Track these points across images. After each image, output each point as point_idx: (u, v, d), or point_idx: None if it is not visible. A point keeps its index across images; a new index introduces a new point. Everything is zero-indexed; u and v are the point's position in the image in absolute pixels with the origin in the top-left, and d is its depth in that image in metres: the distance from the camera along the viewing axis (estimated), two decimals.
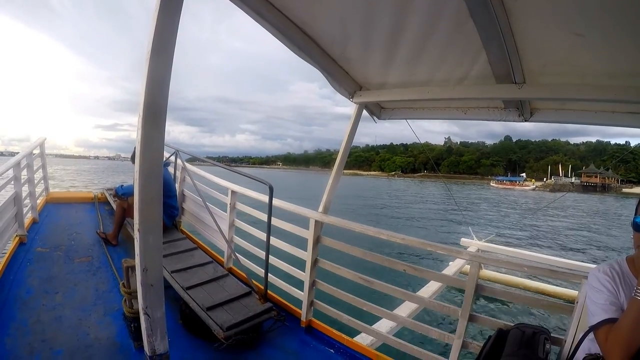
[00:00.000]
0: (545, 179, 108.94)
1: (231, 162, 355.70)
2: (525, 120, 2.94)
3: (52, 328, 2.88)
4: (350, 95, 3.17)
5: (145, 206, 1.67)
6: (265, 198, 3.51)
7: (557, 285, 6.42)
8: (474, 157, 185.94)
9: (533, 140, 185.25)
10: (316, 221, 3.34)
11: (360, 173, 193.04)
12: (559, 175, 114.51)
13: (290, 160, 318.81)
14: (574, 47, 1.95)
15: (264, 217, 3.60)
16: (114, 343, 2.80)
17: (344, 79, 3.00)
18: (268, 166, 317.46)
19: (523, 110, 2.87)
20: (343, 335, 3.20)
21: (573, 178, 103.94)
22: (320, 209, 3.36)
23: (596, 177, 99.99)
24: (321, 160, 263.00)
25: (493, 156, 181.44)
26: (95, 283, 3.73)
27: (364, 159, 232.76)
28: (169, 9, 1.53)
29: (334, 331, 3.26)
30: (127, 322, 2.78)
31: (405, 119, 3.51)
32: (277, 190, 3.39)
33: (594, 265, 2.08)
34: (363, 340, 3.30)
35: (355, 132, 3.38)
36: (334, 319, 3.33)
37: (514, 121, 2.97)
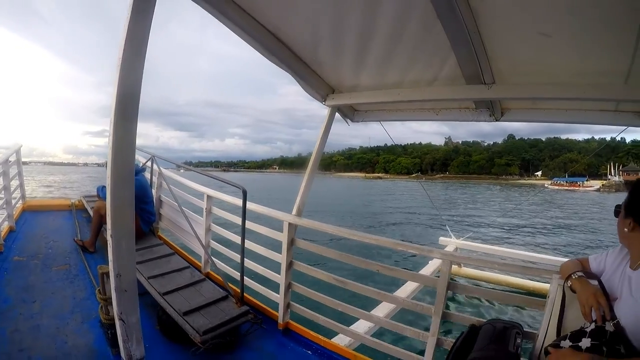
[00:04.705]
0: (610, 177, 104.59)
1: (228, 166, 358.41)
2: (497, 120, 3.13)
3: (30, 337, 3.00)
4: (323, 98, 3.38)
5: (118, 211, 1.79)
6: (240, 202, 3.66)
7: (536, 281, 6.58)
8: (485, 157, 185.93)
9: (543, 139, 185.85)
10: (290, 224, 3.50)
11: (384, 176, 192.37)
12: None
13: (287, 164, 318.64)
14: (542, 47, 2.13)
15: (240, 220, 3.74)
16: (92, 350, 2.92)
17: (316, 82, 3.20)
18: (265, 170, 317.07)
19: (494, 110, 3.07)
20: (320, 337, 3.37)
21: (617, 177, 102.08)
22: (294, 211, 3.53)
23: (636, 174, 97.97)
24: (320, 163, 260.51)
25: (505, 155, 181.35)
26: (73, 291, 3.86)
27: (366, 160, 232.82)
28: (140, 11, 1.67)
29: (312, 333, 3.43)
30: (104, 329, 2.93)
31: (378, 120, 3.71)
32: (284, 196, 3.53)
33: (565, 259, 2.21)
34: (341, 341, 3.46)
35: (328, 134, 3.59)
36: (311, 320, 3.50)
37: (485, 121, 3.16)
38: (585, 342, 1.50)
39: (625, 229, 1.60)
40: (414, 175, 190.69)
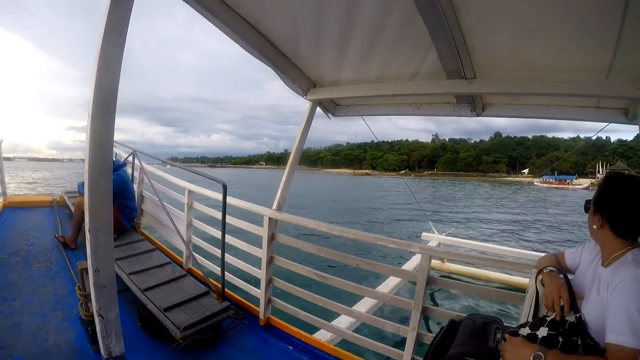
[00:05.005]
0: (598, 176, 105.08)
1: (214, 162, 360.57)
2: (478, 115, 3.15)
3: (10, 335, 2.97)
4: (304, 92, 3.37)
5: (96, 205, 1.77)
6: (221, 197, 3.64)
7: (519, 277, 6.55)
8: (472, 154, 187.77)
9: (530, 137, 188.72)
10: (270, 218, 3.50)
11: (372, 173, 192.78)
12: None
13: (274, 160, 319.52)
14: (523, 42, 2.15)
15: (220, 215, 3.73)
16: (73, 348, 2.91)
17: (297, 76, 3.19)
18: (252, 166, 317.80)
19: (475, 105, 3.09)
20: (302, 332, 3.38)
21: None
22: (274, 206, 3.53)
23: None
24: (307, 159, 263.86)
25: (493, 153, 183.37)
26: (54, 288, 3.84)
27: (354, 157, 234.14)
28: (119, 4, 1.66)
29: (293, 328, 3.44)
30: (84, 326, 2.91)
31: (360, 115, 3.71)
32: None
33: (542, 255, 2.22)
34: (323, 336, 3.47)
35: (309, 129, 3.58)
36: (293, 316, 3.51)
37: (466, 116, 3.18)
38: (542, 331, 1.51)
39: (594, 226, 1.57)
40: (402, 172, 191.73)
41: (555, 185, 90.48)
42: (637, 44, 1.91)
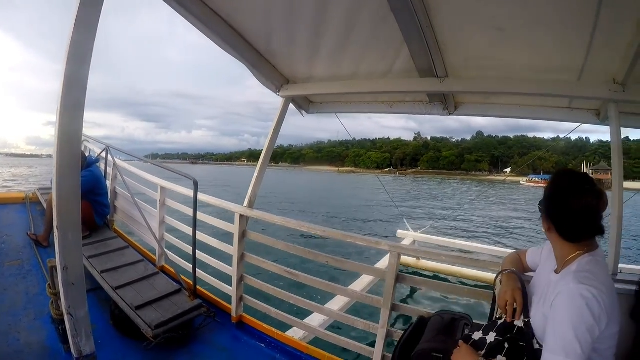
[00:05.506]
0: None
1: (196, 159, 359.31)
2: (450, 114, 3.18)
3: None
4: (277, 89, 3.36)
5: (64, 202, 1.75)
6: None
7: (493, 275, 6.52)
8: (455, 153, 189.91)
9: (511, 137, 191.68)
10: (241, 215, 3.48)
11: (357, 170, 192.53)
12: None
13: (255, 157, 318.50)
14: (495, 41, 2.17)
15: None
16: (44, 347, 2.88)
17: (270, 72, 3.18)
18: (234, 163, 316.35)
19: (447, 104, 3.13)
20: (274, 330, 3.38)
21: None
22: (245, 203, 3.52)
23: (606, 174, 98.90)
24: (290, 156, 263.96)
25: (475, 151, 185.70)
26: (26, 287, 3.78)
27: (336, 154, 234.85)
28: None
29: (265, 326, 3.43)
30: (55, 325, 2.88)
31: (334, 112, 3.73)
32: (274, 191, 3.49)
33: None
34: (295, 334, 3.46)
35: (281, 126, 3.57)
36: (265, 314, 3.50)
37: (438, 114, 3.21)
38: (491, 337, 1.53)
39: (544, 230, 1.51)
40: (386, 170, 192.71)
41: (542, 185, 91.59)
42: (609, 46, 1.95)
